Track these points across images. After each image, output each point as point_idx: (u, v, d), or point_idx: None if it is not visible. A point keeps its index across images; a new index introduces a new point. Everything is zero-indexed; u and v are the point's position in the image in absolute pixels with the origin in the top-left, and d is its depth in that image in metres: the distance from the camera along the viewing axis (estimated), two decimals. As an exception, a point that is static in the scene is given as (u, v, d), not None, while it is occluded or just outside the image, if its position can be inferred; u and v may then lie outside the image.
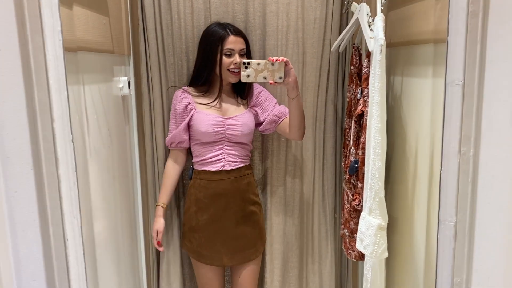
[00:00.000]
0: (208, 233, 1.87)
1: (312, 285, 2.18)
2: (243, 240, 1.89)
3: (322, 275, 2.16)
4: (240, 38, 1.82)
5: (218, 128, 1.83)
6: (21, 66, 0.92)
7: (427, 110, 1.32)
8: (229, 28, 1.81)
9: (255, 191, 1.95)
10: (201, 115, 1.83)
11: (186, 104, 1.85)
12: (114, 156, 1.68)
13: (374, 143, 1.38)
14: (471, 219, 0.98)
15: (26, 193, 0.96)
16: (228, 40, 1.78)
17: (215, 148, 1.86)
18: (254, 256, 1.92)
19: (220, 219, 1.86)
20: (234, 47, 1.79)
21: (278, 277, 2.15)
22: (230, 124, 1.84)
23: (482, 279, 1.01)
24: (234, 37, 1.79)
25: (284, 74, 1.67)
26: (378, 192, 1.39)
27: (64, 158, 0.93)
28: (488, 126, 0.95)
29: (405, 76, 1.55)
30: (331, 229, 2.14)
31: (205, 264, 1.90)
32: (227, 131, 1.84)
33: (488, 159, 0.96)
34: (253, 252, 1.92)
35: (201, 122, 1.82)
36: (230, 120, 1.85)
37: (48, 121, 0.92)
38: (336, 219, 2.16)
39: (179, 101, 1.86)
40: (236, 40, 1.80)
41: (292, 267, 2.17)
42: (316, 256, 2.15)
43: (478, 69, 0.91)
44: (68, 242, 0.95)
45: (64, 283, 0.98)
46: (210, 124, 1.82)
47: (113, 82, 1.74)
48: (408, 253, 1.51)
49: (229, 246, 1.88)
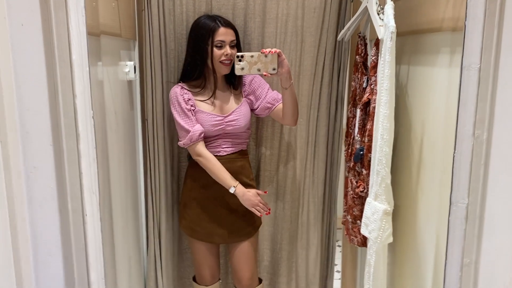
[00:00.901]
0: (200, 211, 1.91)
1: (300, 269, 2.23)
2: (235, 220, 1.91)
3: (309, 260, 2.22)
4: (230, 30, 1.82)
5: (219, 126, 1.85)
6: (43, 41, 0.92)
7: (436, 98, 1.34)
8: (219, 20, 1.81)
9: (250, 175, 1.97)
10: (202, 115, 1.84)
11: (187, 100, 1.85)
12: (121, 140, 1.69)
13: (382, 130, 1.40)
14: (482, 201, 1.01)
15: (45, 169, 0.97)
16: (219, 32, 1.78)
17: (213, 138, 1.89)
18: (245, 237, 1.94)
19: (212, 198, 1.89)
20: (225, 39, 1.79)
21: (268, 257, 2.23)
22: (230, 120, 1.86)
23: (491, 260, 1.04)
24: (225, 28, 1.79)
25: (277, 65, 1.69)
26: (384, 178, 1.42)
27: (84, 134, 0.94)
28: (501, 110, 0.97)
29: (411, 65, 1.57)
30: (319, 216, 2.18)
31: (198, 240, 1.94)
32: (226, 127, 1.87)
33: (500, 143, 0.98)
34: (245, 233, 1.94)
35: (203, 122, 1.84)
36: (230, 117, 1.87)
37: (70, 96, 0.92)
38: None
39: (181, 98, 1.83)
40: (227, 32, 1.80)
41: (281, 249, 2.23)
42: (304, 241, 2.21)
43: (494, 53, 0.93)
44: (87, 218, 0.96)
45: (81, 258, 0.98)
46: (211, 124, 1.84)
47: (120, 66, 1.73)
48: (411, 238, 1.54)
49: (220, 225, 1.90)
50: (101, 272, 1.01)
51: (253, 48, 2.01)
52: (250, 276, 1.98)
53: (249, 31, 2.00)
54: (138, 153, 2.05)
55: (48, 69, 0.93)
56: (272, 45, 2.01)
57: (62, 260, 1.02)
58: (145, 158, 2.08)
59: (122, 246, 1.56)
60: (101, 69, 1.41)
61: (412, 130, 1.55)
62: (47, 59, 0.93)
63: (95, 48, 1.33)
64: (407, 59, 1.61)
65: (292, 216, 2.20)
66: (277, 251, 2.24)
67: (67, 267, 1.02)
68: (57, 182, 0.98)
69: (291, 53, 2.02)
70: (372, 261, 1.52)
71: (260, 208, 1.86)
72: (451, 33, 1.22)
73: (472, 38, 0.94)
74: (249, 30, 2.00)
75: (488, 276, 1.05)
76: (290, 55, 2.02)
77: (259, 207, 1.86)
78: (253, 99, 1.95)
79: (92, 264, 0.99)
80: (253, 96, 1.95)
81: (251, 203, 1.85)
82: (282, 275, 2.26)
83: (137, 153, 2.03)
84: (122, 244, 1.56)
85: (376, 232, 1.46)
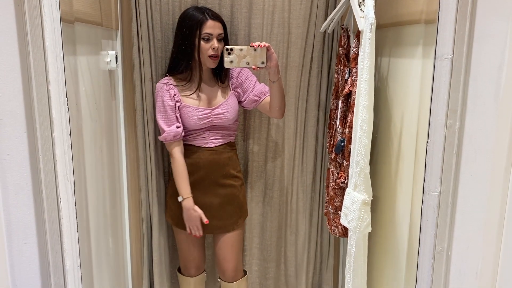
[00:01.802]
0: None
1: (290, 254, 2.26)
2: (220, 211, 1.92)
3: (297, 247, 2.23)
4: (218, 23, 1.81)
5: (206, 120, 1.86)
6: (16, 27, 0.91)
7: (414, 89, 1.36)
8: (207, 12, 1.80)
9: (237, 167, 1.98)
10: (188, 110, 1.84)
11: (173, 95, 1.85)
12: (102, 129, 1.68)
13: (362, 121, 1.42)
14: (454, 189, 1.03)
15: (19, 156, 0.96)
16: (207, 24, 1.77)
17: (200, 131, 1.89)
18: (231, 228, 1.95)
19: (198, 189, 1.90)
20: (212, 32, 1.78)
21: (257, 244, 2.25)
22: (217, 113, 1.87)
23: (462, 248, 1.06)
24: (212, 21, 1.78)
25: (266, 59, 1.69)
26: (363, 168, 1.43)
27: (59, 121, 0.93)
28: (473, 100, 0.99)
29: (392, 57, 1.58)
30: (308, 205, 2.20)
31: (182, 229, 1.95)
32: (214, 120, 1.87)
33: (472, 133, 1.00)
34: (231, 224, 1.95)
35: (189, 116, 1.84)
36: (217, 110, 1.87)
37: (43, 83, 0.91)
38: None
39: (166, 94, 1.84)
40: (214, 25, 1.79)
41: (270, 236, 2.25)
42: (294, 228, 2.23)
43: (467, 44, 0.94)
44: (62, 205, 0.95)
45: (56, 245, 0.98)
46: (198, 118, 1.84)
47: (101, 56, 1.72)
48: (389, 228, 1.56)
49: (205, 215, 1.90)
50: (76, 260, 1.01)
51: (240, 39, 2.01)
52: (234, 267, 1.99)
53: (235, 22, 2.00)
54: (121, 143, 2.04)
55: (21, 55, 0.93)
56: (259, 37, 2.01)
57: (37, 247, 1.01)
58: (136, 151, 2.08)
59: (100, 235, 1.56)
60: (79, 57, 1.40)
61: (392, 121, 1.56)
62: (20, 45, 0.92)
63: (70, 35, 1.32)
64: (388, 51, 1.62)
65: (281, 204, 2.22)
66: (266, 238, 2.26)
67: (42, 255, 1.02)
68: (31, 169, 0.97)
69: (278, 45, 2.02)
70: (352, 251, 1.54)
71: (193, 229, 1.87)
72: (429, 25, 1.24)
73: (445, 29, 0.95)
74: (235, 21, 1.99)
75: (460, 264, 1.07)
76: (278, 47, 2.02)
77: (193, 228, 1.87)
78: (241, 92, 1.95)
79: (68, 252, 0.99)
80: (240, 89, 1.95)
81: (189, 220, 1.86)
82: (271, 260, 2.28)
83: (120, 143, 2.02)
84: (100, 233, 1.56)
85: (355, 222, 1.47)
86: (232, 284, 1.99)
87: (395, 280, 1.51)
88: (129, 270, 2.12)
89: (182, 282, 2.07)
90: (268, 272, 2.30)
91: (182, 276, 2.06)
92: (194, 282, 2.05)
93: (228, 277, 1.99)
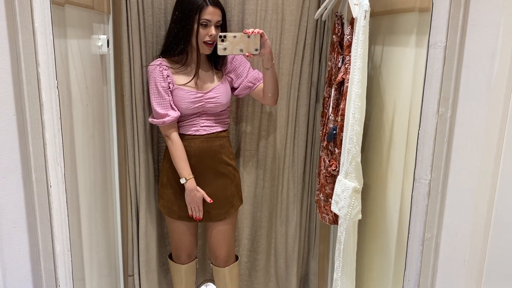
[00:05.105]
0: (178, 189, 1.90)
1: (280, 245, 2.26)
2: (214, 200, 1.91)
3: (288, 237, 2.24)
4: (218, 10, 1.78)
5: (198, 103, 1.84)
6: (4, 8, 0.90)
7: (407, 78, 1.36)
8: None
9: (229, 154, 1.96)
10: (181, 92, 1.82)
11: (166, 77, 1.82)
12: (94, 114, 1.66)
13: (354, 109, 1.42)
14: (444, 177, 1.04)
15: (8, 139, 0.95)
16: (206, 10, 1.74)
17: (191, 117, 1.87)
18: (223, 217, 1.95)
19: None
20: (211, 18, 1.76)
21: (247, 235, 2.25)
22: (210, 97, 1.85)
23: (451, 235, 1.08)
24: (212, 8, 1.75)
25: (259, 46, 1.68)
26: (355, 156, 1.44)
27: (48, 104, 0.92)
28: (465, 89, 0.99)
29: (385, 45, 1.58)
30: (299, 194, 2.21)
31: (175, 219, 1.94)
32: (206, 105, 1.85)
33: (464, 121, 1.00)
34: (223, 212, 1.95)
35: (182, 99, 1.81)
36: (209, 94, 1.85)
37: (33, 65, 0.90)
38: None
39: (159, 75, 1.81)
40: (214, 12, 1.76)
41: (260, 226, 2.25)
42: (284, 218, 2.23)
43: (460, 32, 0.94)
44: (52, 189, 0.95)
45: (46, 230, 0.98)
46: (190, 101, 1.82)
47: (92, 40, 1.70)
48: (380, 216, 1.57)
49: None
50: (66, 244, 1.01)
51: (233, 25, 1.99)
52: (227, 254, 2.00)
53: (229, 8, 1.97)
54: (112, 128, 2.02)
55: (10, 37, 0.91)
56: (253, 23, 1.99)
57: (27, 231, 1.01)
58: (124, 137, 2.06)
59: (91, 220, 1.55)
60: (69, 40, 1.38)
61: (384, 110, 1.57)
62: (9, 26, 0.90)
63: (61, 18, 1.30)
64: (382, 39, 1.61)
65: (272, 194, 2.22)
66: (257, 228, 2.26)
67: (31, 239, 1.01)
68: (21, 152, 0.96)
69: (272, 31, 2.01)
70: (342, 238, 1.55)
71: (194, 210, 1.88)
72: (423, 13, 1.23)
73: (439, 17, 0.94)
74: (229, 6, 1.97)
75: (448, 251, 1.08)
76: (271, 33, 2.00)
77: (195, 209, 1.88)
78: (234, 77, 1.94)
79: (58, 236, 0.98)
80: (234, 74, 1.94)
81: (192, 201, 1.86)
82: (262, 252, 2.28)
83: (111, 128, 2.00)
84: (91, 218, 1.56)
85: (346, 209, 1.48)
86: (224, 269, 2.01)
87: (384, 267, 1.53)
88: (120, 255, 2.12)
89: (173, 269, 2.07)
90: (258, 264, 2.30)
91: (174, 263, 2.07)
92: (185, 269, 2.05)
93: (220, 263, 2.00)
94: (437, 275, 1.07)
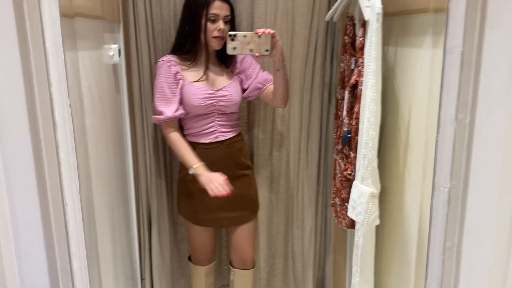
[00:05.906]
0: (204, 199, 1.86)
1: (297, 249, 2.26)
2: (238, 203, 1.91)
3: (304, 240, 2.24)
4: (226, 4, 1.78)
5: (210, 100, 1.81)
6: (16, 29, 0.90)
7: (422, 80, 1.33)
8: None
9: (247, 156, 1.98)
10: (191, 88, 1.80)
11: (175, 73, 1.80)
12: (108, 125, 1.67)
13: (369, 113, 1.39)
14: (464, 185, 1.01)
15: (23, 159, 0.95)
16: (214, 5, 1.73)
17: (206, 121, 1.85)
18: (249, 218, 1.96)
19: None
20: (219, 13, 1.75)
21: (265, 240, 2.25)
22: (221, 95, 1.83)
23: (473, 243, 1.05)
24: (220, 2, 1.75)
25: (270, 47, 1.66)
26: (371, 161, 1.42)
27: (61, 123, 0.92)
28: (484, 94, 0.96)
29: (399, 46, 1.55)
30: (313, 198, 2.19)
31: (203, 226, 1.94)
32: (218, 103, 1.83)
33: (483, 127, 0.97)
34: (248, 214, 1.96)
35: (193, 95, 1.79)
36: (221, 92, 1.84)
37: (45, 85, 0.90)
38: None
39: (167, 70, 1.79)
40: (222, 6, 1.76)
41: (277, 231, 2.25)
42: (300, 222, 2.23)
43: (477, 37, 0.92)
44: (68, 207, 0.95)
45: (63, 248, 0.98)
46: (202, 97, 1.80)
47: (104, 50, 1.70)
48: (398, 221, 1.55)
49: (225, 209, 1.89)
50: (84, 261, 1.01)
51: (243, 29, 1.98)
52: (253, 255, 2.02)
53: (238, 12, 1.96)
54: (127, 138, 2.03)
55: (22, 58, 0.91)
56: (262, 26, 1.97)
57: (44, 250, 1.01)
58: (134, 144, 2.06)
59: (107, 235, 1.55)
60: (80, 52, 1.38)
61: (399, 113, 1.54)
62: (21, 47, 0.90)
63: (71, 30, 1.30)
64: (395, 40, 1.58)
65: (287, 198, 2.21)
66: (274, 233, 2.25)
67: (49, 257, 1.01)
68: (36, 172, 0.96)
69: (282, 34, 1.99)
70: (359, 243, 1.53)
71: (217, 188, 1.68)
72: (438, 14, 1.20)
73: (455, 21, 0.92)
74: (238, 11, 1.96)
75: (471, 259, 1.06)
76: (281, 36, 1.98)
77: (217, 188, 1.68)
78: (244, 78, 1.93)
79: (75, 254, 0.99)
80: (243, 75, 1.93)
81: (211, 181, 1.70)
82: (279, 256, 2.28)
83: (125, 137, 2.01)
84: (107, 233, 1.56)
85: (363, 214, 1.46)
86: (250, 271, 2.02)
87: (404, 273, 1.50)
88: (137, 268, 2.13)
89: (193, 271, 2.08)
90: (276, 268, 2.30)
91: (193, 265, 2.07)
92: (206, 271, 2.06)
93: (245, 265, 2.01)
94: (459, 285, 1.05)
